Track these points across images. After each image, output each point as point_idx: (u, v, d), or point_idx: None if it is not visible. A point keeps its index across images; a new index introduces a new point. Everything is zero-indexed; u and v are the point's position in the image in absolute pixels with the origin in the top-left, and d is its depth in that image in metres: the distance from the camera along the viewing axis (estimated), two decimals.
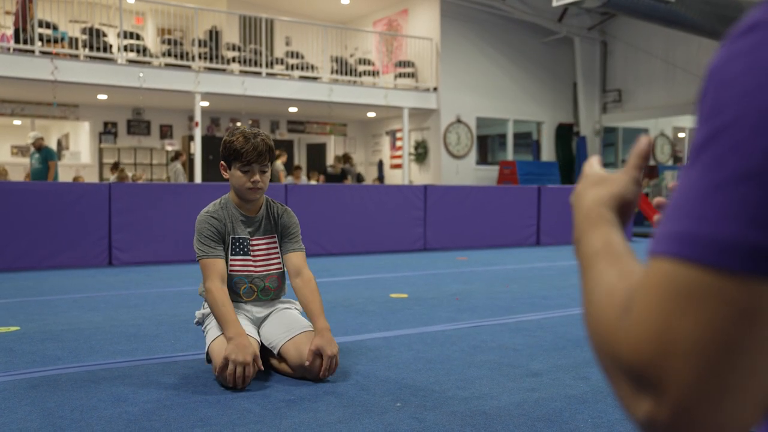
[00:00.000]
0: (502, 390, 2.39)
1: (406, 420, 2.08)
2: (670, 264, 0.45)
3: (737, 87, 0.45)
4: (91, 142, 14.55)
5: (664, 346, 0.44)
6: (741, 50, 0.45)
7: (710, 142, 0.45)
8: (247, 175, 2.65)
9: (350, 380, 2.52)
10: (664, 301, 0.45)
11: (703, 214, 0.44)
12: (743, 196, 0.43)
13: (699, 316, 0.43)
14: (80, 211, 6.26)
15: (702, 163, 0.46)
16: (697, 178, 0.46)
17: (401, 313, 3.92)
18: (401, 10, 15.14)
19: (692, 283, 0.44)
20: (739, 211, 0.43)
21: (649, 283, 0.46)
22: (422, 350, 2.99)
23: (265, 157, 2.67)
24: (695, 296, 0.44)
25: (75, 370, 2.64)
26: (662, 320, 0.45)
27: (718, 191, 0.44)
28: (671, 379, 0.44)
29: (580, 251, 0.64)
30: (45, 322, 3.60)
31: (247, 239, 2.73)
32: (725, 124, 0.45)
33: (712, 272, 0.43)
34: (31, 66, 10.34)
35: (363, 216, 7.68)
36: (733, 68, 0.46)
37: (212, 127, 15.33)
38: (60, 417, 2.08)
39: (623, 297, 0.50)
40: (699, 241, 0.44)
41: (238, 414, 2.14)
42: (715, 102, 0.46)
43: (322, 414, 2.14)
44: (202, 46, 12.49)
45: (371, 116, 15.76)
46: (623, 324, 0.47)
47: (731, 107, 0.45)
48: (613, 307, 0.50)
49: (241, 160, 2.63)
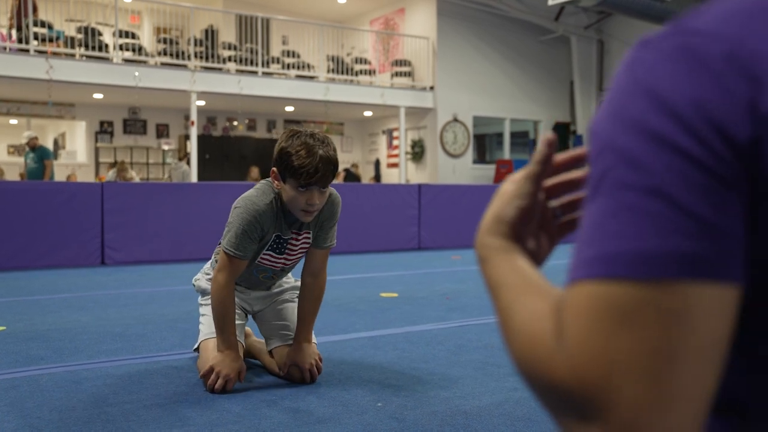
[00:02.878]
0: (484, 389, 2.39)
1: (385, 420, 2.07)
2: (596, 286, 0.45)
3: (602, 133, 0.49)
4: (88, 141, 14.54)
5: (605, 367, 0.44)
6: (620, 86, 0.50)
7: (606, 175, 0.47)
8: (304, 195, 2.25)
9: (333, 380, 2.51)
10: (597, 322, 0.45)
11: (620, 233, 0.45)
12: (651, 210, 0.44)
13: (635, 331, 0.43)
14: (73, 210, 6.25)
15: (603, 194, 0.47)
16: (603, 207, 0.47)
17: (390, 313, 3.91)
18: (398, 9, 15.12)
19: (622, 300, 0.44)
20: (651, 224, 0.44)
21: (577, 307, 0.46)
22: (407, 349, 2.98)
23: (327, 179, 2.26)
24: (627, 312, 0.44)
25: (57, 370, 2.63)
26: (599, 342, 0.44)
27: (628, 211, 0.45)
28: (617, 398, 0.43)
29: (486, 284, 0.62)
30: (32, 321, 3.59)
31: (289, 239, 2.46)
32: (612, 164, 0.47)
33: (639, 285, 0.44)
34: (26, 65, 10.33)
35: (357, 215, 7.67)
36: (599, 116, 0.50)
37: (208, 126, 15.32)
38: (38, 418, 2.07)
39: (551, 328, 0.49)
40: (622, 259, 0.45)
41: (217, 414, 2.13)
42: (597, 143, 0.49)
43: (302, 414, 2.13)
44: (199, 45, 12.48)
45: (368, 115, 15.76)
46: (558, 354, 0.47)
47: (603, 148, 0.48)
48: (542, 338, 0.49)
49: (299, 179, 2.22)
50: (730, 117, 0.44)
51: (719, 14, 0.47)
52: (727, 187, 0.44)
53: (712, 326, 0.44)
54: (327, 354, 2.87)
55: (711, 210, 0.44)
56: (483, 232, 0.65)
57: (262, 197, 2.36)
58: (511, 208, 0.64)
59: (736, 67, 0.44)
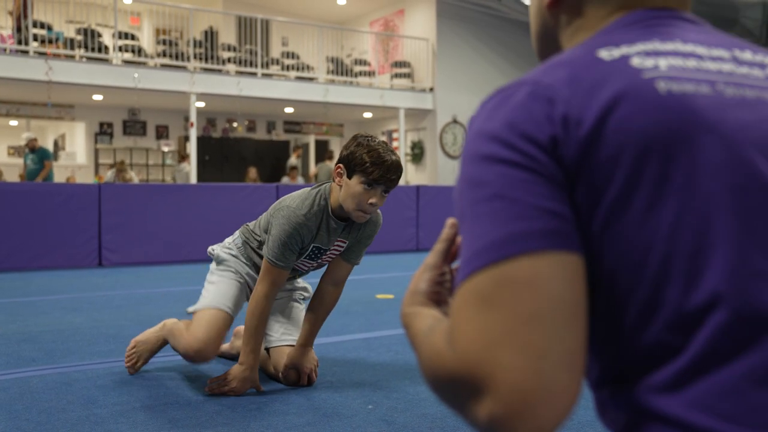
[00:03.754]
0: None
1: (375, 423, 2.06)
2: (464, 285, 0.56)
3: (458, 178, 0.63)
4: (87, 142, 14.54)
5: (481, 345, 0.52)
6: (466, 144, 0.63)
7: (462, 202, 0.61)
8: (368, 193, 2.28)
9: (325, 382, 2.50)
10: (467, 312, 0.54)
11: (474, 237, 0.57)
12: (493, 211, 0.56)
13: (496, 306, 0.52)
14: (70, 212, 6.24)
15: (464, 217, 0.60)
16: (465, 226, 0.59)
17: (385, 314, 3.90)
18: (397, 11, 15.12)
19: (482, 285, 0.54)
20: (495, 220, 0.56)
21: (455, 307, 0.56)
22: (401, 351, 2.97)
23: (395, 182, 2.33)
24: (487, 293, 0.53)
25: (48, 372, 2.62)
26: (472, 326, 0.53)
27: (478, 218, 0.57)
28: (497, 370, 0.51)
29: (411, 345, 0.70)
30: (25, 323, 3.59)
31: (327, 249, 2.47)
32: (463, 192, 0.61)
33: (491, 269, 0.54)
34: (26, 66, 10.33)
35: None
36: (462, 160, 0.63)
37: (208, 128, 15.32)
38: (26, 420, 2.06)
39: (444, 333, 0.58)
40: (476, 254, 0.55)
41: (207, 416, 2.12)
42: (455, 193, 0.63)
43: (291, 417, 2.12)
44: (198, 47, 12.48)
45: (367, 117, 15.75)
46: (449, 351, 0.55)
47: (458, 187, 0.62)
48: (439, 349, 0.58)
49: (369, 175, 2.25)
50: (533, 126, 0.59)
51: (537, 71, 0.64)
52: (545, 177, 0.57)
53: (558, 288, 0.53)
54: (320, 355, 2.86)
55: (536, 197, 0.56)
56: (403, 306, 0.75)
57: (307, 203, 2.36)
58: (423, 281, 0.75)
59: (536, 96, 0.60)
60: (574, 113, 0.58)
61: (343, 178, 2.31)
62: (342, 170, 2.32)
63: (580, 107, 0.59)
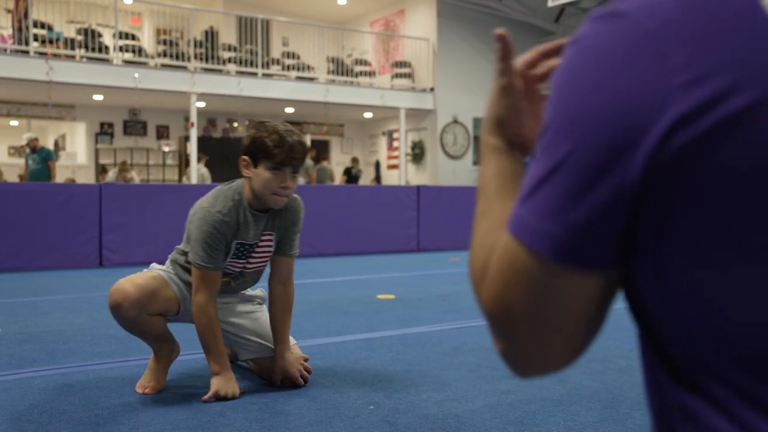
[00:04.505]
0: (477, 392, 2.37)
1: (377, 423, 2.06)
2: (510, 240, 0.56)
3: (553, 97, 0.55)
4: (88, 142, 14.55)
5: (503, 307, 0.56)
6: (564, 61, 0.55)
7: (541, 136, 0.55)
8: (277, 177, 2.29)
9: (326, 383, 2.50)
10: (503, 271, 0.56)
11: (524, 200, 0.55)
12: (544, 189, 0.53)
13: (521, 287, 0.55)
14: (71, 212, 6.24)
15: (538, 150, 0.56)
16: (533, 163, 0.56)
17: (386, 315, 3.90)
18: (398, 11, 15.12)
19: (519, 261, 0.55)
20: (542, 204, 0.53)
21: (498, 254, 0.57)
22: (402, 352, 2.97)
23: (301, 161, 2.33)
24: (520, 271, 0.55)
25: (49, 372, 2.62)
26: (501, 287, 0.56)
27: (533, 183, 0.54)
28: (510, 329, 0.57)
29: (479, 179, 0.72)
30: (26, 323, 3.59)
31: (253, 245, 2.42)
32: (545, 127, 0.55)
33: (532, 254, 0.54)
34: (26, 67, 10.33)
35: (356, 216, 7.66)
36: (555, 76, 0.56)
37: (208, 128, 15.32)
38: (27, 421, 2.06)
39: (485, 256, 0.61)
40: (521, 224, 0.54)
41: (209, 417, 2.12)
42: (548, 101, 0.56)
43: (293, 417, 2.12)
44: (199, 47, 12.48)
45: (368, 117, 15.75)
46: (483, 283, 0.59)
47: (548, 113, 0.55)
48: (479, 264, 0.61)
49: (273, 159, 2.27)
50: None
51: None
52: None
53: (572, 301, 0.54)
54: (321, 356, 2.87)
55: (589, 210, 0.52)
56: (483, 131, 0.73)
57: (221, 200, 2.34)
58: (500, 108, 0.72)
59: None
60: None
61: (250, 168, 2.32)
62: (247, 161, 2.33)
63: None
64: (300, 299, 4.41)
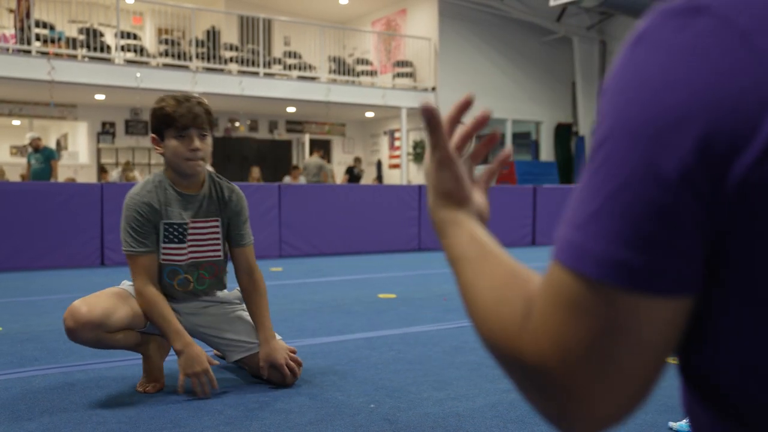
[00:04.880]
0: (478, 391, 2.37)
1: (377, 421, 2.06)
2: (561, 272, 0.48)
3: (614, 100, 0.47)
4: (89, 142, 14.56)
5: (562, 351, 0.48)
6: (625, 60, 0.48)
7: (597, 151, 0.48)
8: (185, 142, 2.27)
9: (327, 381, 2.50)
10: (557, 309, 0.48)
11: (582, 225, 0.47)
12: (611, 212, 0.45)
13: (584, 324, 0.47)
14: (72, 211, 6.25)
15: (589, 171, 0.48)
16: (584, 185, 0.48)
17: (387, 314, 3.90)
18: (399, 10, 15.12)
19: (577, 293, 0.47)
20: (608, 227, 0.45)
21: (546, 290, 0.50)
22: (403, 351, 2.97)
23: (204, 120, 2.30)
24: (581, 306, 0.47)
25: (51, 371, 2.62)
26: (558, 328, 0.48)
27: (594, 203, 0.47)
28: (570, 379, 0.48)
29: (447, 259, 0.65)
30: (27, 322, 3.59)
31: (184, 224, 2.37)
32: (605, 136, 0.47)
33: (593, 285, 0.46)
34: (28, 66, 10.35)
35: (357, 216, 7.66)
36: (613, 81, 0.48)
37: None
38: (28, 420, 2.07)
39: (520, 305, 0.52)
40: (579, 253, 0.47)
41: (209, 416, 2.12)
42: (600, 111, 0.49)
43: (294, 416, 2.12)
44: (200, 46, 12.49)
45: (369, 116, 15.75)
46: (525, 332, 0.50)
47: (608, 120, 0.47)
48: (511, 316, 0.52)
49: (175, 125, 2.26)
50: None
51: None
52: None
53: (647, 333, 0.46)
54: (322, 355, 2.87)
55: (666, 228, 0.44)
56: (432, 209, 0.69)
57: (141, 185, 2.36)
58: (443, 181, 0.68)
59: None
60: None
61: (160, 145, 2.32)
62: (155, 138, 2.33)
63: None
64: (301, 298, 4.41)
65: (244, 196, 2.49)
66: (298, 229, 7.28)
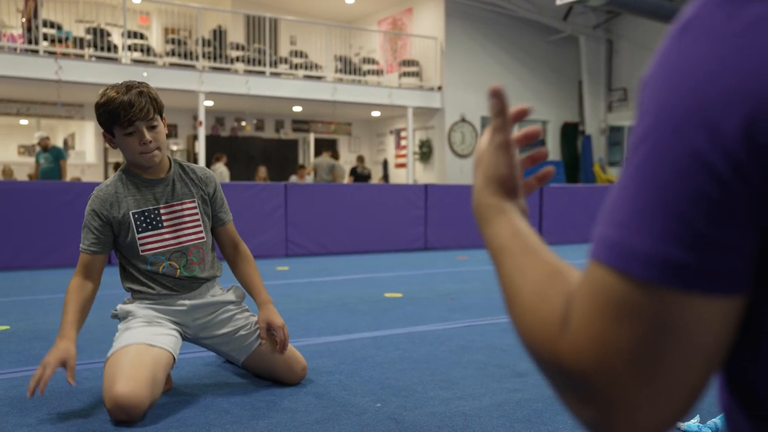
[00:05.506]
0: (485, 390, 2.37)
1: (383, 421, 2.06)
2: (603, 272, 0.46)
3: (656, 93, 0.45)
4: (96, 141, 14.60)
5: (604, 357, 0.46)
6: (669, 50, 0.46)
7: (639, 146, 0.46)
8: (135, 137, 2.18)
9: (333, 380, 2.50)
10: (599, 312, 0.46)
11: (627, 223, 0.45)
12: (659, 208, 0.44)
13: (630, 327, 0.45)
14: (78, 210, 6.24)
15: (631, 167, 0.46)
16: (626, 182, 0.46)
17: (393, 313, 3.90)
18: (406, 9, 15.11)
19: (621, 294, 0.45)
20: (656, 223, 0.44)
21: (586, 291, 0.48)
22: (409, 350, 2.97)
23: (149, 110, 2.17)
24: (626, 307, 0.45)
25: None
26: (600, 332, 0.46)
27: (639, 200, 0.45)
28: (613, 386, 0.46)
29: (487, 248, 0.63)
30: (34, 321, 3.61)
31: (156, 210, 2.30)
32: (648, 130, 0.45)
33: (638, 284, 0.44)
34: (35, 66, 10.38)
35: (363, 215, 7.66)
36: (656, 72, 0.46)
37: (216, 127, 15.35)
38: (36, 418, 2.07)
39: (560, 305, 0.50)
40: (624, 251, 0.45)
41: (215, 414, 2.12)
42: (641, 105, 0.47)
43: (300, 415, 2.12)
44: (207, 46, 12.51)
45: (376, 115, 15.75)
46: (564, 335, 0.48)
47: (650, 113, 0.45)
48: (550, 315, 0.50)
49: (119, 122, 2.15)
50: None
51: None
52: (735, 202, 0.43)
53: (699, 335, 0.44)
54: (328, 354, 2.87)
55: (717, 222, 0.43)
56: (479, 192, 0.66)
57: (102, 184, 2.31)
58: (500, 166, 0.66)
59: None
60: None
61: (112, 141, 2.25)
62: (107, 136, 2.26)
63: None
64: (307, 298, 4.42)
65: (212, 173, 2.46)
66: (304, 228, 7.28)
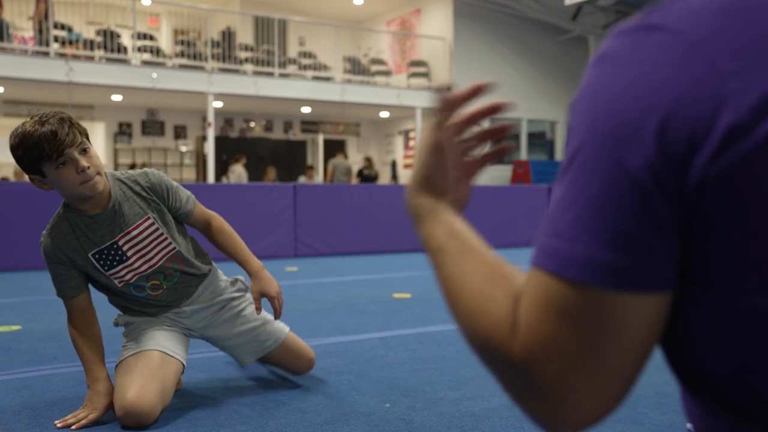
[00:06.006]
0: (494, 391, 2.37)
1: (393, 421, 2.06)
2: (546, 277, 0.51)
3: (582, 116, 0.51)
4: (106, 142, 14.68)
5: (552, 355, 0.50)
6: (590, 78, 0.51)
7: (571, 162, 0.51)
8: (68, 167, 1.93)
9: (342, 381, 2.50)
10: (545, 314, 0.50)
11: (563, 231, 0.50)
12: (591, 216, 0.48)
13: (572, 327, 0.49)
14: None
15: (565, 181, 0.51)
16: (561, 194, 0.51)
17: (402, 313, 3.90)
18: (414, 10, 15.11)
19: (563, 297, 0.49)
20: (590, 230, 0.48)
21: (531, 295, 0.52)
22: (418, 350, 2.97)
23: (75, 135, 1.94)
24: (567, 309, 0.49)
25: (69, 369, 2.65)
26: (546, 333, 0.50)
27: (573, 210, 0.49)
28: (561, 381, 0.50)
29: (424, 248, 0.65)
30: (46, 321, 3.63)
31: (113, 244, 2.11)
32: (577, 148, 0.50)
33: (577, 287, 0.49)
34: (46, 67, 10.45)
35: (372, 216, 7.67)
36: (580, 98, 0.52)
37: (225, 128, 15.41)
38: (48, 417, 2.09)
39: (507, 307, 0.54)
40: (563, 258, 0.49)
41: (226, 415, 2.13)
42: (570, 126, 0.52)
43: (309, 415, 2.13)
44: (216, 47, 12.56)
45: (384, 116, 15.76)
46: (515, 337, 0.52)
47: (578, 134, 0.50)
48: (499, 318, 0.54)
49: (47, 154, 1.89)
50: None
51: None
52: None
53: (633, 330, 0.49)
54: (337, 354, 2.87)
55: (642, 226, 0.47)
56: (411, 192, 0.69)
57: (48, 229, 2.14)
58: (429, 166, 0.68)
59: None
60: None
61: (43, 182, 2.00)
62: (36, 177, 1.99)
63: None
64: (316, 298, 4.43)
65: (158, 174, 2.21)
66: (313, 228, 7.30)
